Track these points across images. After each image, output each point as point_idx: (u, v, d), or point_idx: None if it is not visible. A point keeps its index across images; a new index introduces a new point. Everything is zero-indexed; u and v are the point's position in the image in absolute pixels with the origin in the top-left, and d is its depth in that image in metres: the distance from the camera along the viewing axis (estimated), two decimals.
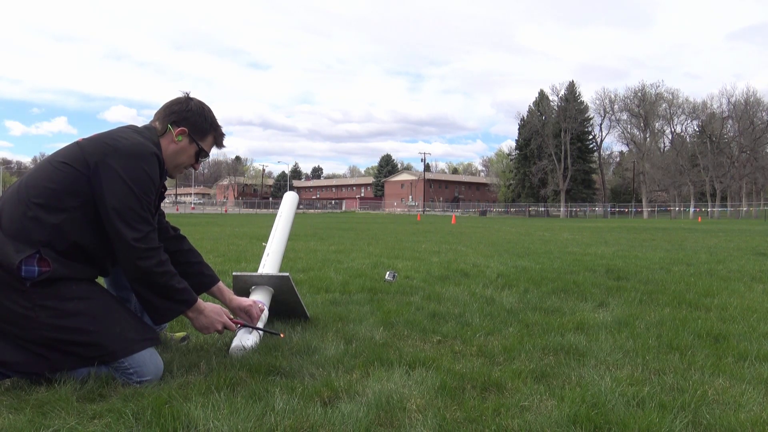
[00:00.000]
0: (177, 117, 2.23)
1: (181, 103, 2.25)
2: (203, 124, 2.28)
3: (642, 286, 4.51)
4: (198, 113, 2.26)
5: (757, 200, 58.63)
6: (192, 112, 2.25)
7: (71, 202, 1.96)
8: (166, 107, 2.25)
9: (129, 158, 2.00)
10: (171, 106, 2.24)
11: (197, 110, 2.26)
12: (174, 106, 2.24)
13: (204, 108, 2.30)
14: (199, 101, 2.31)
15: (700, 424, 1.69)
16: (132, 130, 2.15)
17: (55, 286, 1.93)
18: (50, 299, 1.91)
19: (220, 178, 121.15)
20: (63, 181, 1.97)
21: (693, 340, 2.68)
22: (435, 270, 5.47)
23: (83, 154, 1.99)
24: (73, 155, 2.01)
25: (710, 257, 7.48)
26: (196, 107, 2.27)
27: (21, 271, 1.87)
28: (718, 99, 69.81)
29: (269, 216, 34.48)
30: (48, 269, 1.90)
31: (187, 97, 2.28)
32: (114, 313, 2.03)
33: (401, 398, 1.83)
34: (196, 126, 2.26)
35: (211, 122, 2.30)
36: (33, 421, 1.61)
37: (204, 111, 2.29)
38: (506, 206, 73.29)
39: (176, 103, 2.25)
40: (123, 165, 1.98)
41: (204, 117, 2.28)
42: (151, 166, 2.05)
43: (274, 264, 3.01)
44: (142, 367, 1.99)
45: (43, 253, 1.90)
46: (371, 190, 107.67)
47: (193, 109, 2.26)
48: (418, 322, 3.01)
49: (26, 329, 1.89)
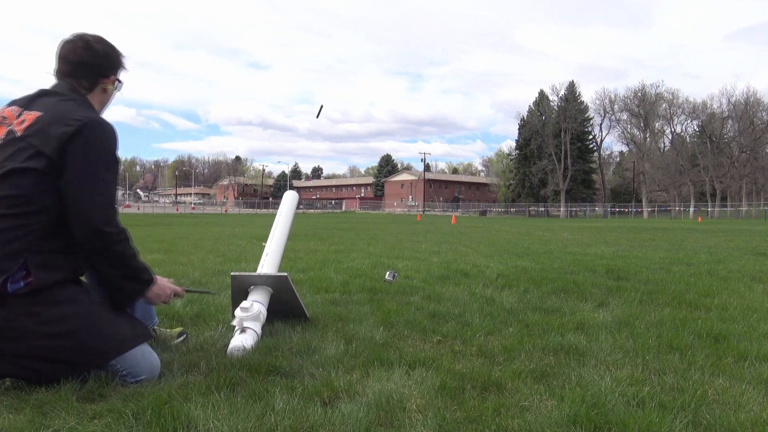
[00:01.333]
0: (103, 69, 2.11)
1: (96, 52, 2.09)
2: (118, 58, 2.17)
3: (642, 286, 4.51)
4: (111, 50, 2.14)
5: (757, 200, 58.59)
6: (109, 54, 2.13)
7: (44, 202, 1.89)
8: (85, 63, 2.07)
9: (90, 142, 1.91)
10: (91, 60, 2.08)
11: (110, 49, 2.14)
12: (93, 59, 2.08)
13: (107, 42, 2.15)
14: (97, 37, 2.13)
15: (700, 424, 1.69)
16: (72, 103, 2.01)
17: (39, 293, 1.86)
18: (36, 306, 1.85)
19: (220, 178, 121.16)
20: (26, 185, 1.87)
21: (693, 340, 2.68)
22: (435, 270, 5.47)
23: (47, 156, 1.87)
24: (27, 155, 1.88)
25: (710, 257, 7.48)
26: (108, 47, 2.13)
27: (7, 288, 1.81)
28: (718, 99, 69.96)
29: (269, 216, 34.47)
30: (31, 279, 1.84)
31: (87, 41, 2.09)
32: (102, 314, 1.99)
33: (401, 398, 1.83)
34: (116, 65, 2.17)
35: (118, 51, 2.18)
36: (33, 421, 1.61)
37: (111, 45, 2.15)
38: (506, 206, 73.26)
39: (92, 55, 2.08)
40: (85, 150, 1.90)
41: (115, 51, 2.16)
42: (113, 142, 1.99)
43: (273, 264, 3.01)
44: (134, 367, 1.97)
45: (28, 264, 1.84)
46: (371, 190, 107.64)
47: (108, 51, 2.13)
48: (418, 322, 3.01)
49: (13, 341, 1.83)
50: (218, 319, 3.04)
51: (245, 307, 2.56)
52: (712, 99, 67.34)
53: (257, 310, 2.59)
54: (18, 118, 1.97)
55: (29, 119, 1.95)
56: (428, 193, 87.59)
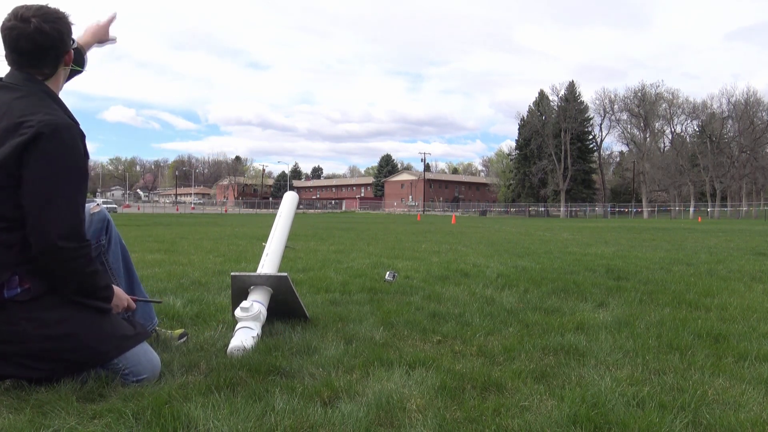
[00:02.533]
0: (61, 49, 1.94)
1: (49, 35, 1.87)
2: (69, 27, 1.97)
3: (642, 286, 4.51)
4: (62, 23, 1.93)
5: (757, 200, 58.59)
6: (62, 31, 1.93)
7: (16, 216, 1.80)
8: (40, 50, 1.88)
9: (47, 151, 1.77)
10: (47, 45, 1.88)
11: (61, 23, 1.92)
12: (48, 43, 1.88)
13: (54, 15, 1.91)
14: (42, 12, 1.87)
15: (700, 424, 1.68)
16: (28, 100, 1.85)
17: (38, 298, 1.85)
18: (34, 311, 1.84)
19: (220, 178, 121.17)
20: (3, 201, 1.80)
21: (693, 340, 2.68)
22: (435, 270, 5.47)
23: (5, 170, 1.77)
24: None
25: (710, 257, 7.48)
26: (59, 22, 1.92)
27: (3, 294, 1.80)
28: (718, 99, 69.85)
29: (269, 216, 34.47)
30: (28, 286, 1.83)
31: (37, 26, 1.84)
32: (101, 314, 1.99)
33: (401, 398, 1.83)
34: (70, 34, 1.97)
35: (66, 18, 1.96)
36: (33, 421, 1.61)
37: (58, 16, 1.92)
38: (506, 206, 73.25)
39: (46, 40, 1.87)
40: (41, 161, 1.77)
41: (65, 21, 1.95)
42: (73, 148, 1.84)
43: (273, 264, 3.01)
44: (136, 366, 1.97)
45: (19, 273, 1.83)
46: (371, 190, 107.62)
47: (61, 27, 1.92)
48: (418, 322, 3.01)
49: (13, 344, 1.83)
50: (218, 319, 3.04)
51: (245, 307, 2.57)
52: (712, 99, 67.31)
53: (257, 310, 2.59)
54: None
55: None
56: (428, 193, 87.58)
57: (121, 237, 2.42)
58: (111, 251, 2.34)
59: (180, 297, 3.66)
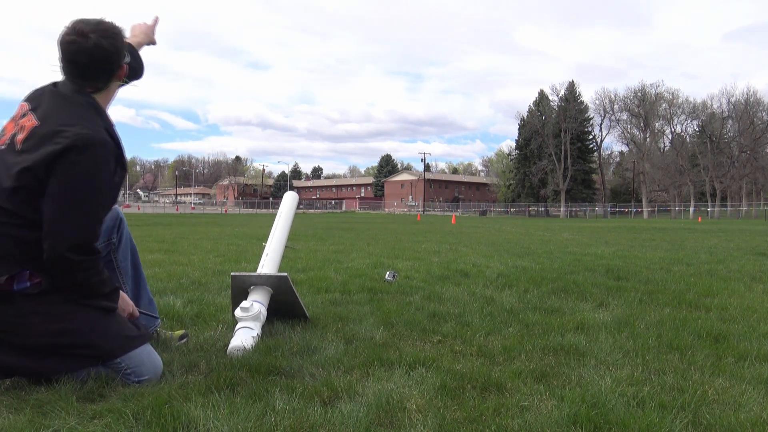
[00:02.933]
0: (116, 65, 2.00)
1: (106, 51, 1.93)
2: (123, 43, 2.03)
3: (642, 286, 4.51)
4: (119, 39, 1.99)
5: (757, 200, 58.58)
6: (119, 47, 1.98)
7: (39, 219, 1.85)
8: (97, 65, 1.94)
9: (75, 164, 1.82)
10: (103, 60, 1.94)
11: (117, 39, 1.98)
12: (106, 58, 1.95)
13: (111, 31, 1.96)
14: (102, 29, 1.93)
15: (700, 424, 1.69)
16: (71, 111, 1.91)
17: (46, 293, 1.88)
18: (41, 305, 1.87)
19: (220, 178, 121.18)
20: (23, 205, 1.85)
21: (693, 340, 2.68)
22: (435, 270, 5.47)
23: (33, 172, 1.81)
24: (25, 178, 1.82)
25: (710, 257, 7.48)
26: (115, 38, 1.97)
27: (13, 286, 1.83)
28: (718, 99, 69.81)
29: (269, 216, 34.47)
30: (38, 280, 1.86)
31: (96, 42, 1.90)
32: (107, 313, 2.01)
33: (401, 398, 1.83)
34: (124, 51, 2.03)
35: (121, 33, 2.02)
36: (33, 421, 1.61)
37: (115, 32, 1.98)
38: (506, 206, 73.24)
39: (103, 56, 1.93)
40: (68, 172, 1.82)
41: (121, 37, 2.01)
42: (103, 163, 1.88)
43: (273, 264, 3.01)
44: (139, 366, 1.98)
45: (30, 268, 1.86)
46: (371, 190, 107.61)
47: (117, 43, 1.98)
48: (418, 322, 3.01)
49: (20, 336, 1.87)
50: (218, 319, 3.04)
51: (245, 307, 2.57)
52: (712, 99, 67.33)
53: (257, 310, 2.59)
54: (22, 119, 1.93)
55: (28, 128, 1.89)
56: (428, 193, 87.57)
57: (131, 237, 2.44)
58: (121, 250, 2.37)
59: (180, 297, 3.66)
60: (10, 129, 1.96)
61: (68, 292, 1.92)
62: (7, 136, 1.94)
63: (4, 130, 1.99)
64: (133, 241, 2.44)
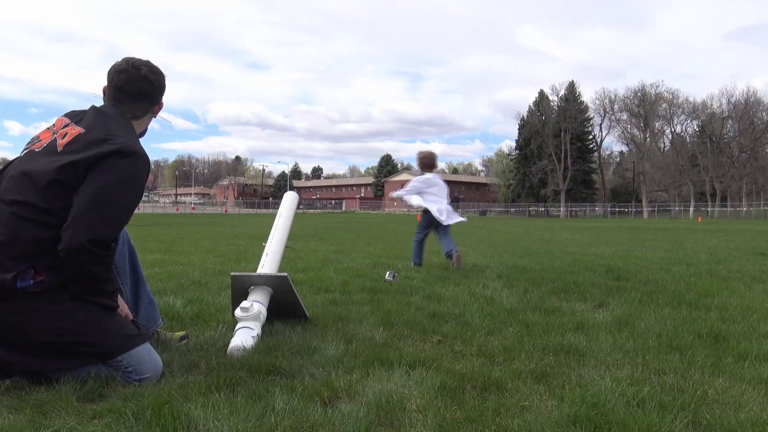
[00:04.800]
0: (156, 98, 2.23)
1: (152, 84, 2.18)
2: (165, 84, 2.26)
3: (642, 286, 4.51)
4: (163, 78, 2.23)
5: (757, 200, 58.55)
6: (162, 84, 2.23)
7: (63, 218, 1.89)
8: (142, 94, 2.16)
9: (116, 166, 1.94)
10: (148, 92, 2.18)
11: (162, 77, 2.23)
12: (150, 90, 2.18)
13: (158, 71, 2.22)
14: (150, 66, 2.20)
15: (700, 424, 1.69)
16: (116, 127, 2.05)
17: (48, 291, 1.89)
18: (42, 304, 1.88)
19: (220, 178, 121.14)
20: (55, 200, 1.89)
21: (693, 340, 2.68)
22: (435, 270, 5.47)
23: (76, 169, 1.90)
24: (65, 173, 1.90)
25: (710, 257, 7.48)
26: (161, 76, 2.22)
27: (16, 284, 1.85)
28: (718, 99, 69.51)
29: (269, 216, 34.47)
30: (42, 278, 1.88)
31: (144, 74, 2.15)
32: (107, 312, 2.02)
33: (401, 398, 1.83)
34: (164, 90, 2.26)
35: (164, 75, 2.26)
36: (33, 421, 1.61)
37: (161, 73, 2.24)
38: (506, 206, 73.21)
39: (149, 87, 2.17)
40: (108, 172, 1.92)
41: (164, 78, 2.25)
42: (140, 173, 2.02)
43: (273, 264, 3.01)
44: (140, 364, 1.99)
45: (36, 266, 1.88)
46: (371, 190, 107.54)
47: (161, 80, 2.22)
48: (418, 322, 3.01)
49: (21, 334, 1.88)
50: (218, 319, 3.04)
51: (245, 307, 2.57)
52: (712, 99, 67.08)
53: (257, 310, 2.59)
54: (63, 128, 2.04)
55: (72, 134, 2.00)
56: None
57: (129, 237, 2.44)
58: (118, 249, 2.37)
59: (180, 297, 3.66)
60: (46, 137, 2.05)
61: (75, 286, 1.94)
62: (43, 142, 2.03)
63: (39, 137, 2.08)
64: (131, 241, 2.45)
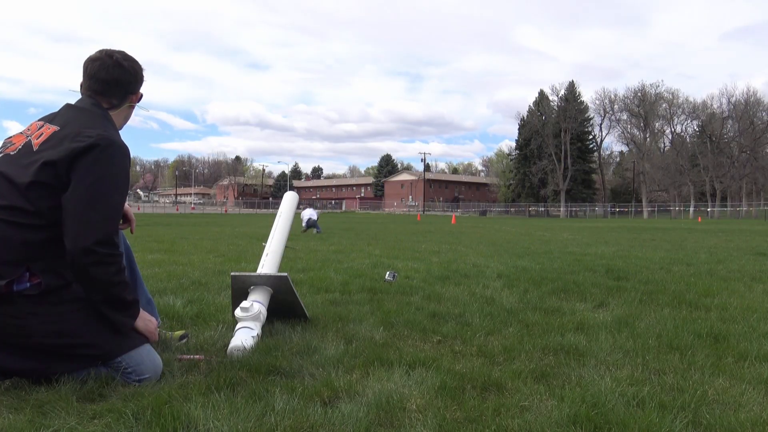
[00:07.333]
0: (132, 86, 2.18)
1: (126, 70, 2.14)
2: (143, 74, 2.23)
3: (642, 286, 4.51)
4: (138, 66, 2.20)
5: (757, 200, 58.55)
6: (137, 72, 2.20)
7: (55, 216, 1.88)
8: (116, 81, 2.12)
9: (98, 160, 1.92)
10: (122, 78, 2.13)
11: (137, 66, 2.20)
12: (123, 77, 2.14)
13: (134, 59, 2.19)
14: (124, 54, 2.17)
15: (700, 424, 1.69)
16: (91, 119, 2.03)
17: (46, 294, 1.89)
18: (40, 306, 1.88)
19: (220, 178, 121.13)
20: (41, 201, 1.88)
21: (693, 340, 2.68)
22: (435, 270, 5.47)
23: (55, 168, 1.88)
24: (45, 173, 1.88)
25: (710, 257, 7.48)
26: (135, 64, 2.19)
27: (12, 287, 1.84)
28: (718, 99, 69.58)
29: (269, 216, 34.47)
30: (38, 281, 1.88)
31: (117, 60, 2.12)
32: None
33: (401, 398, 1.83)
34: (142, 80, 2.23)
35: (142, 66, 2.23)
36: (33, 421, 1.61)
37: (137, 62, 2.20)
38: (506, 206, 73.20)
39: (122, 73, 2.13)
40: (91, 167, 1.90)
41: (140, 67, 2.21)
42: (122, 162, 2.00)
43: (273, 264, 3.01)
44: (140, 365, 1.99)
45: (31, 269, 1.87)
46: (371, 190, 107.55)
47: (137, 68, 2.19)
48: (418, 322, 3.01)
49: (19, 337, 1.87)
50: (218, 319, 3.04)
51: (245, 307, 2.57)
52: (712, 99, 67.05)
53: (257, 310, 2.59)
54: (38, 130, 2.02)
55: (47, 133, 1.99)
56: (428, 193, 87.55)
57: (125, 236, 2.44)
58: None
59: (180, 297, 3.66)
60: (19, 140, 2.03)
61: (90, 296, 1.93)
62: (17, 145, 2.01)
63: (12, 141, 2.05)
64: (126, 241, 2.44)
